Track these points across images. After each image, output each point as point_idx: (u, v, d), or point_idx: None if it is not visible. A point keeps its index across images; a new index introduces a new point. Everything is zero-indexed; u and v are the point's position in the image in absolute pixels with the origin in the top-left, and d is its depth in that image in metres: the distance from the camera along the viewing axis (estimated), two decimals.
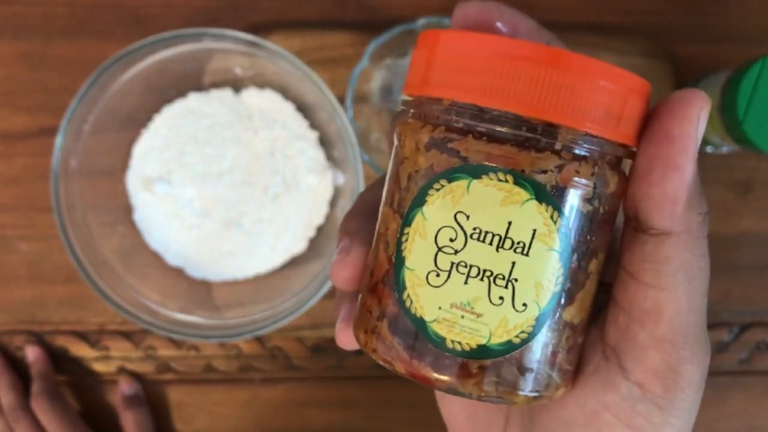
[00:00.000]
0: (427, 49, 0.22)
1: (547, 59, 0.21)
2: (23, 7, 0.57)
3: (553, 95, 0.21)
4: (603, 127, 0.21)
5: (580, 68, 0.21)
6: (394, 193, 0.23)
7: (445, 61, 0.22)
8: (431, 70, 0.22)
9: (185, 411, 0.59)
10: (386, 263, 0.23)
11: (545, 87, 0.21)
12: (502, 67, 0.21)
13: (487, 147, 0.21)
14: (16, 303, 0.58)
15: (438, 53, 0.22)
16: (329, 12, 0.57)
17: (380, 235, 0.24)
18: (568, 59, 0.21)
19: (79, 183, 0.52)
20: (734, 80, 0.48)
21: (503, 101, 0.21)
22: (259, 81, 0.55)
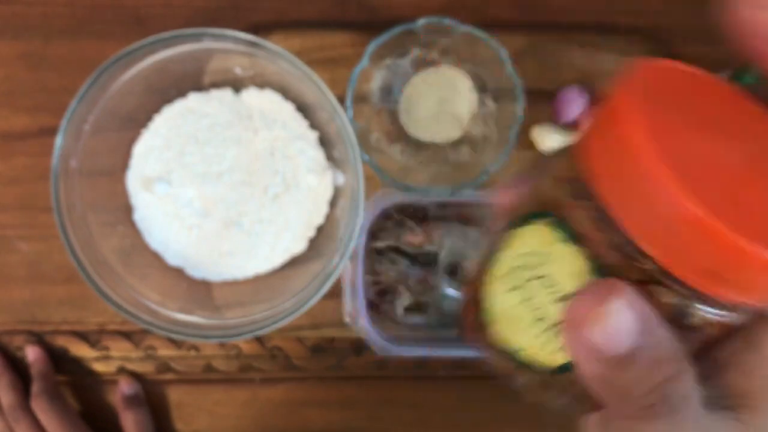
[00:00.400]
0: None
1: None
2: (23, 7, 0.57)
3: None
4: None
5: None
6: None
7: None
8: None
9: (185, 411, 0.59)
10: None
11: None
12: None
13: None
14: (16, 303, 0.58)
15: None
16: (329, 12, 0.58)
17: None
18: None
19: (79, 183, 0.52)
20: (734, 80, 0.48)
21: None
22: (259, 81, 0.55)
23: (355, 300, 0.53)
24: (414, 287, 0.56)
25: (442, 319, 0.56)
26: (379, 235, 0.56)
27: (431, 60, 0.55)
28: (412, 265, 0.55)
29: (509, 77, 0.51)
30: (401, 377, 0.59)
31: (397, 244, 0.55)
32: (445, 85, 0.54)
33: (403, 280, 0.56)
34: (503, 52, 0.51)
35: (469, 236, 0.55)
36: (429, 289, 0.55)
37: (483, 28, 0.51)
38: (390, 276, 0.56)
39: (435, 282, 0.55)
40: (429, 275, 0.55)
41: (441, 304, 0.55)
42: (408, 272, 0.55)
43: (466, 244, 0.55)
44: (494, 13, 0.58)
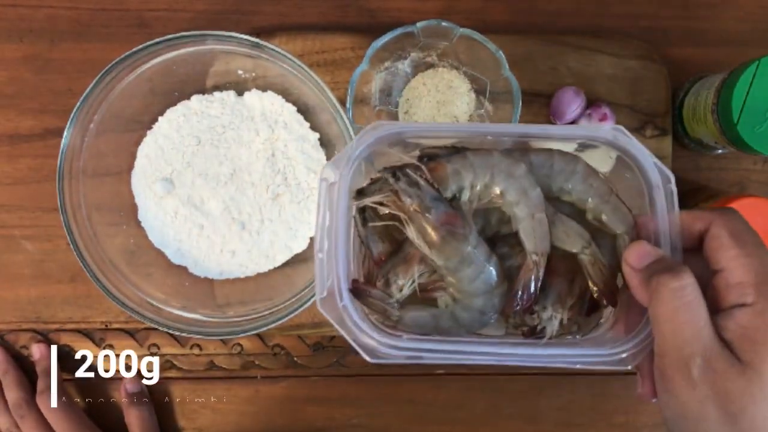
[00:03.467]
0: None
1: None
2: (29, 10, 0.58)
3: None
4: None
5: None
6: None
7: None
8: None
9: (188, 408, 0.60)
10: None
11: None
12: None
13: None
14: (21, 302, 0.58)
15: None
16: (330, 15, 0.58)
17: None
18: None
19: (84, 183, 0.53)
20: (729, 83, 0.49)
21: None
22: (261, 83, 0.56)
23: (333, 269, 0.36)
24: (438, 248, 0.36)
25: (469, 315, 0.38)
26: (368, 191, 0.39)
27: (430, 62, 0.56)
28: (436, 196, 0.37)
29: (506, 79, 0.52)
30: (401, 374, 0.60)
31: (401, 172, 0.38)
32: (443, 87, 0.55)
33: (417, 224, 0.36)
34: (501, 55, 0.51)
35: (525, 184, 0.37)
36: (456, 257, 0.36)
37: (481, 31, 0.51)
38: (386, 217, 0.38)
39: (461, 227, 0.36)
40: (455, 213, 0.36)
41: (465, 270, 0.37)
42: (431, 206, 0.36)
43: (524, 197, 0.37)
44: (492, 16, 0.58)
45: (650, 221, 0.36)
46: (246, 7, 0.58)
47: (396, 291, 0.38)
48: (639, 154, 0.37)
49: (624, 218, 0.38)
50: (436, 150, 0.39)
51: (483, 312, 0.38)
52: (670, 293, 0.31)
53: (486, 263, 0.37)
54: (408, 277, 0.39)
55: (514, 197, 0.38)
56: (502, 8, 0.58)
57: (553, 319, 0.38)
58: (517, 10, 0.58)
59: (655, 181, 0.36)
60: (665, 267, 0.32)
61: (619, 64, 0.57)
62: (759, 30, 0.58)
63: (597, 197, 0.38)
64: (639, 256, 0.34)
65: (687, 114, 0.56)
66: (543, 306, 0.38)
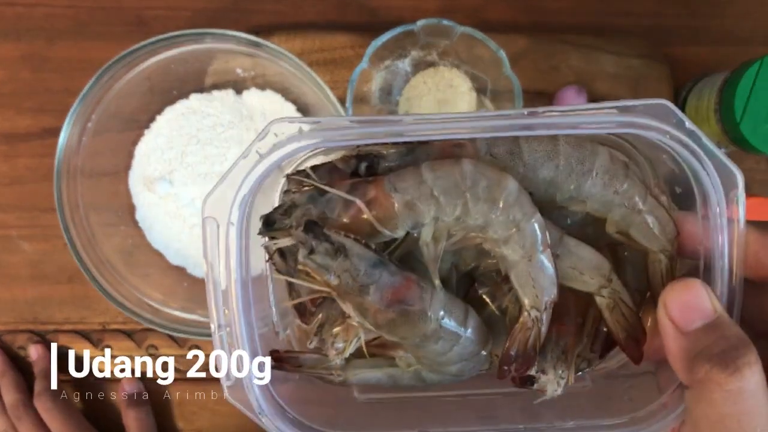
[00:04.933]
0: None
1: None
2: (26, 8, 0.58)
3: None
4: None
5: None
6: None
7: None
8: None
9: (187, 409, 0.59)
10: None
11: None
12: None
13: None
14: (18, 302, 0.58)
15: None
16: (329, 14, 0.58)
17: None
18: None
19: (81, 183, 0.53)
20: (731, 82, 0.49)
21: None
22: (260, 82, 0.55)
23: (239, 345, 0.27)
24: (376, 312, 0.26)
25: (441, 378, 0.29)
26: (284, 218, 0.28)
27: (430, 61, 0.55)
28: (375, 261, 0.26)
29: (507, 78, 0.52)
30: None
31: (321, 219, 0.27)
32: (444, 85, 0.55)
33: (349, 290, 0.26)
34: (502, 54, 0.51)
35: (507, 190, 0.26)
36: (406, 318, 0.26)
37: (482, 29, 0.51)
38: (321, 281, 0.27)
39: (419, 300, 0.26)
40: (407, 283, 0.26)
41: (431, 346, 0.27)
42: (369, 282, 0.26)
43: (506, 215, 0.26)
44: (492, 14, 0.58)
45: (703, 231, 0.26)
46: (245, 6, 0.58)
47: (335, 356, 0.28)
48: (699, 145, 0.26)
49: (663, 229, 0.27)
50: (378, 149, 0.27)
51: (459, 375, 0.29)
52: (721, 396, 0.23)
53: (461, 331, 0.27)
54: (350, 338, 0.28)
55: (501, 234, 0.26)
56: (503, 6, 0.58)
57: (555, 384, 0.29)
58: (519, 8, 0.58)
59: (719, 185, 0.26)
60: (721, 350, 0.23)
61: (622, 63, 0.56)
62: (762, 28, 0.58)
63: (623, 207, 0.27)
64: (686, 310, 0.24)
65: (689, 113, 0.55)
66: (542, 368, 0.29)
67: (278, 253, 0.28)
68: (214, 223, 0.28)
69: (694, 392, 0.24)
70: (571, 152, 0.27)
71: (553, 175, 0.27)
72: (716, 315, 0.24)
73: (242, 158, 0.26)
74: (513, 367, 0.27)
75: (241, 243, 0.27)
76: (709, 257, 0.26)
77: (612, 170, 0.27)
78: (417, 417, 0.29)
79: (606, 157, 0.27)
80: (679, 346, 0.24)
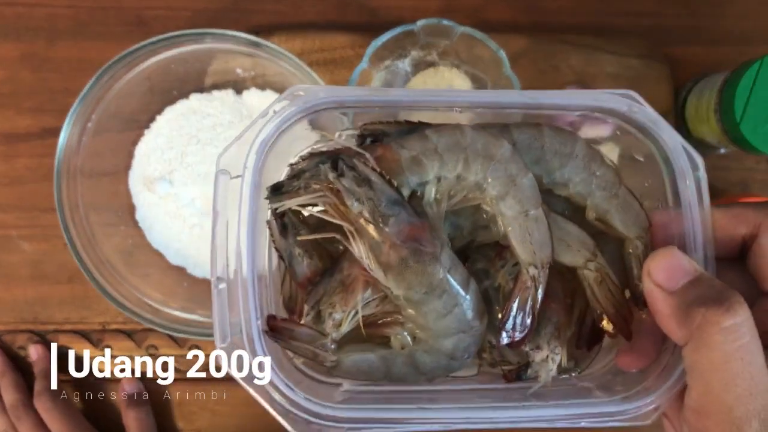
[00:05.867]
0: None
1: None
2: (26, 8, 0.58)
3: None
4: None
5: None
6: None
7: None
8: None
9: (187, 409, 0.59)
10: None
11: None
12: None
13: None
14: (18, 302, 0.58)
15: None
16: (329, 14, 0.58)
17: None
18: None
19: (81, 183, 0.53)
20: (731, 82, 0.49)
21: None
22: (260, 82, 0.55)
23: (240, 305, 0.27)
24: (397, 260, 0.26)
25: (433, 360, 0.28)
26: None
27: (430, 61, 0.55)
28: (395, 198, 0.26)
29: (508, 78, 0.52)
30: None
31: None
32: (444, 85, 0.55)
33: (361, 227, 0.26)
34: (502, 54, 0.51)
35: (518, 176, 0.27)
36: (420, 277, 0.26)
37: (481, 29, 0.51)
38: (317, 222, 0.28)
39: (431, 244, 0.26)
40: (422, 225, 0.26)
41: (433, 303, 0.27)
42: (389, 214, 0.26)
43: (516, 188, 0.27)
44: (492, 14, 0.58)
45: (673, 220, 0.28)
46: (245, 6, 0.58)
47: (332, 328, 0.28)
48: (661, 129, 0.28)
49: (636, 218, 0.29)
50: (381, 126, 0.28)
51: (452, 356, 0.28)
52: (721, 335, 0.23)
53: (462, 293, 0.27)
54: (349, 309, 0.27)
55: (499, 189, 0.27)
56: (502, 6, 0.58)
57: (550, 361, 0.29)
58: (518, 8, 0.58)
59: (680, 166, 0.28)
60: (712, 295, 0.24)
61: (621, 63, 0.56)
62: (762, 28, 0.58)
63: (602, 190, 0.29)
64: (670, 270, 0.26)
65: (690, 113, 0.55)
66: (536, 345, 0.29)
67: (279, 229, 0.28)
68: (227, 174, 0.27)
69: (694, 342, 0.24)
70: (553, 135, 0.29)
71: (539, 155, 0.29)
72: (698, 271, 0.26)
73: (260, 117, 0.27)
74: (512, 329, 0.27)
75: (255, 194, 0.27)
76: (680, 244, 0.27)
77: (590, 154, 0.29)
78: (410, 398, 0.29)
79: (584, 143, 0.29)
80: (669, 306, 0.25)
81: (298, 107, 0.27)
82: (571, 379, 0.31)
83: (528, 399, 0.29)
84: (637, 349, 0.29)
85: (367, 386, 0.29)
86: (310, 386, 0.28)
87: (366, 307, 0.28)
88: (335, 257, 0.29)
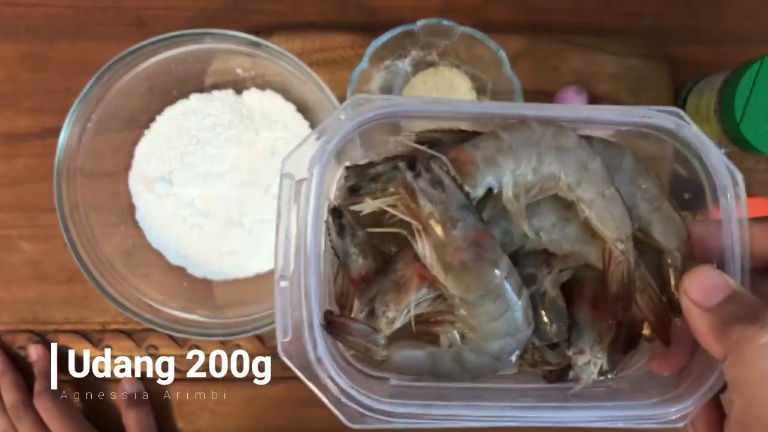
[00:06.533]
0: None
1: None
2: (26, 8, 0.58)
3: None
4: None
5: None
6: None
7: None
8: None
9: (187, 409, 0.59)
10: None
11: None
12: None
13: None
14: (18, 302, 0.58)
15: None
16: (329, 14, 0.58)
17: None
18: None
19: (81, 183, 0.53)
20: (731, 82, 0.49)
21: None
22: (260, 82, 0.55)
23: (302, 302, 0.28)
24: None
25: (479, 360, 0.29)
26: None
27: (430, 61, 0.55)
28: (465, 204, 0.28)
29: (508, 78, 0.52)
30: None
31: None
32: (444, 85, 0.55)
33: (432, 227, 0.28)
34: (502, 54, 0.51)
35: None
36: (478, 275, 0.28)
37: (481, 29, 0.51)
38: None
39: (493, 251, 0.28)
40: (486, 232, 0.28)
41: (486, 306, 0.28)
42: (458, 218, 0.27)
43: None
44: (492, 14, 0.58)
45: (711, 233, 0.29)
46: (245, 6, 0.58)
47: (385, 325, 0.29)
48: (706, 148, 0.29)
49: (677, 230, 0.30)
50: (435, 134, 0.30)
51: (498, 358, 0.29)
52: (758, 351, 0.24)
53: (515, 299, 0.28)
54: (402, 307, 0.29)
55: (573, 176, 0.29)
56: (502, 6, 0.58)
57: (591, 365, 0.30)
58: (518, 8, 0.58)
59: (722, 182, 0.29)
60: (747, 312, 0.25)
61: (621, 63, 0.56)
62: (762, 28, 0.58)
63: (645, 202, 0.30)
64: (706, 289, 0.26)
65: (690, 113, 0.55)
66: (579, 349, 0.30)
67: (337, 229, 0.30)
68: (291, 178, 0.28)
69: (732, 358, 0.25)
70: (603, 148, 0.30)
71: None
72: (733, 288, 0.26)
73: (327, 124, 0.28)
74: (619, 305, 0.29)
75: (319, 197, 0.28)
76: (717, 257, 0.28)
77: (636, 168, 0.30)
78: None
79: (632, 157, 0.30)
80: (707, 322, 0.26)
81: (364, 117, 0.28)
82: (606, 380, 0.32)
83: (568, 399, 0.30)
84: (670, 354, 0.30)
85: (412, 382, 0.31)
86: (361, 381, 0.29)
87: (418, 306, 0.29)
88: (387, 259, 0.31)
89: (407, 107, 0.29)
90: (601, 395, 0.31)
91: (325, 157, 0.28)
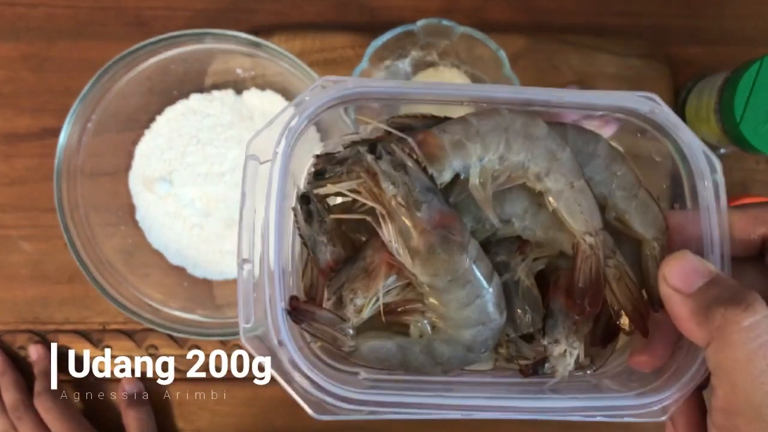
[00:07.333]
0: None
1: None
2: (26, 8, 0.58)
3: None
4: None
5: None
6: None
7: None
8: None
9: (187, 409, 0.59)
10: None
11: None
12: None
13: None
14: (18, 302, 0.58)
15: None
16: (329, 14, 0.58)
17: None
18: None
19: (81, 183, 0.53)
20: (731, 82, 0.49)
21: None
22: (260, 82, 0.55)
23: (265, 287, 0.27)
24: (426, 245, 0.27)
25: (451, 351, 0.29)
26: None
27: (430, 61, 0.55)
28: (429, 186, 0.27)
29: (507, 78, 0.52)
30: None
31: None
32: None
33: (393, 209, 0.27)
34: (502, 54, 0.51)
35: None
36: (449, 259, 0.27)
37: (481, 29, 0.51)
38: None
39: (460, 233, 0.27)
40: (453, 214, 0.28)
41: (456, 292, 0.27)
42: (422, 200, 0.27)
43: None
44: (492, 15, 0.58)
45: (690, 222, 0.28)
46: (245, 6, 0.58)
47: (353, 314, 0.28)
48: (681, 133, 0.28)
49: (654, 219, 0.29)
50: (407, 120, 0.29)
51: (470, 348, 0.28)
52: (742, 334, 0.24)
53: (486, 285, 0.28)
54: (370, 295, 0.28)
55: (542, 166, 0.28)
56: (502, 6, 0.58)
57: (567, 356, 0.29)
58: (518, 8, 0.58)
59: (699, 169, 0.28)
60: (729, 295, 0.25)
61: (621, 63, 0.56)
62: (762, 28, 0.58)
63: (622, 190, 0.29)
64: (685, 274, 0.26)
65: (690, 113, 0.55)
66: (554, 338, 0.29)
67: (305, 216, 0.29)
68: (256, 159, 0.27)
69: (716, 343, 0.25)
70: (576, 134, 0.30)
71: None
72: (713, 273, 0.26)
73: (291, 105, 0.28)
74: (586, 300, 0.28)
75: (283, 180, 0.27)
76: (697, 245, 0.28)
77: (611, 155, 0.30)
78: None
79: (606, 143, 0.30)
80: (688, 308, 0.26)
81: (329, 96, 0.28)
82: (586, 376, 0.31)
83: (544, 393, 0.30)
84: (650, 350, 0.29)
85: (383, 375, 0.30)
86: (330, 374, 0.28)
87: (387, 295, 0.28)
88: (357, 247, 0.30)
89: (374, 89, 0.29)
90: (578, 389, 0.30)
91: (287, 138, 0.27)
